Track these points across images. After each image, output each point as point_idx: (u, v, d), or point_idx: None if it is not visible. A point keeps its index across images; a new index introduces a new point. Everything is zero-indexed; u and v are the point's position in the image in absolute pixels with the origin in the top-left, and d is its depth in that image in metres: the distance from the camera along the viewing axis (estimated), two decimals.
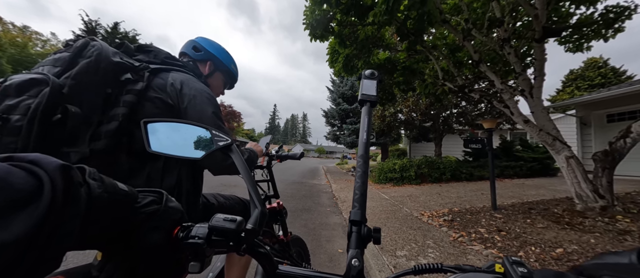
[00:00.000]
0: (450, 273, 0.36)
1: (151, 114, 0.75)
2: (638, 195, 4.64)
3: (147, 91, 0.77)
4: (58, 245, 0.23)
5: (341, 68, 5.22)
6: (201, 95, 0.83)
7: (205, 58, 1.06)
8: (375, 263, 2.26)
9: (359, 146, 0.45)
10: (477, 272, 0.34)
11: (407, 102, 9.79)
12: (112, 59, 0.71)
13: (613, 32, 4.25)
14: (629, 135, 3.18)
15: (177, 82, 0.82)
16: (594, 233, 2.74)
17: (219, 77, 1.12)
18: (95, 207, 0.27)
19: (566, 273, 0.29)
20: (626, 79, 18.83)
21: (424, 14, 3.48)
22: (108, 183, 0.29)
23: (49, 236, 0.22)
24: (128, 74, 0.75)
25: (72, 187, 0.24)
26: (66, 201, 0.23)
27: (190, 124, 0.51)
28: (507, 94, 4.04)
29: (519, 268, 0.30)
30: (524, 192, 5.65)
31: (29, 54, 15.31)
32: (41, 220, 0.21)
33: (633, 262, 0.27)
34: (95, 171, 0.29)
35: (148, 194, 0.35)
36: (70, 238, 0.24)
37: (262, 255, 0.39)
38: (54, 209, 0.22)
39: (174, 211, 0.36)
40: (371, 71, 0.53)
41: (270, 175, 1.36)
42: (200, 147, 0.51)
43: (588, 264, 0.30)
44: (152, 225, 0.33)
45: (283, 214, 1.31)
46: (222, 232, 0.34)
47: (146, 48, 0.88)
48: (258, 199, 0.42)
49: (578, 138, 9.07)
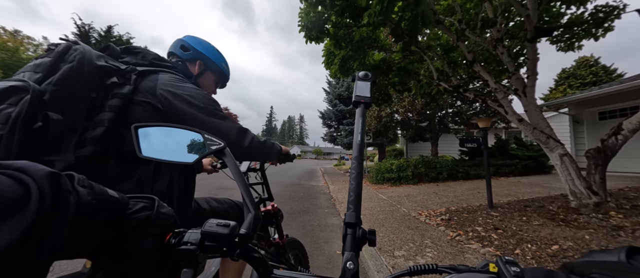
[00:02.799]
0: (445, 274, 0.36)
1: (140, 118, 0.73)
2: (630, 191, 4.72)
3: (135, 95, 0.75)
4: (45, 254, 0.22)
5: (337, 69, 5.23)
6: (192, 96, 0.81)
7: (195, 57, 1.03)
8: (373, 264, 2.26)
9: (354, 148, 0.45)
10: (472, 272, 0.34)
11: (403, 102, 9.85)
12: (96, 62, 0.69)
13: (603, 31, 4.33)
14: (620, 132, 3.24)
15: (165, 84, 0.80)
16: (588, 229, 2.78)
17: (210, 76, 1.09)
18: (85, 214, 0.26)
19: (557, 272, 0.30)
20: (617, 77, 19.20)
21: (418, 15, 3.51)
22: (98, 190, 0.29)
23: (36, 245, 0.21)
24: (114, 77, 0.73)
25: (60, 194, 0.24)
26: (54, 209, 0.23)
27: (181, 128, 0.50)
28: (501, 93, 4.09)
29: (512, 267, 0.31)
30: (519, 189, 5.71)
31: (20, 58, 15.06)
32: (28, 229, 0.21)
33: (621, 261, 0.27)
34: (85, 178, 0.29)
35: (139, 200, 0.34)
36: (58, 246, 0.23)
37: (256, 260, 0.38)
38: (41, 217, 0.22)
39: (166, 217, 0.35)
40: (365, 72, 0.53)
41: (263, 178, 1.34)
42: (192, 152, 0.50)
43: (578, 262, 0.31)
44: (143, 231, 0.32)
45: (278, 217, 1.29)
46: (215, 237, 0.33)
47: (133, 50, 0.86)
48: (251, 203, 0.41)
49: (571, 136, 9.21)
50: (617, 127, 3.29)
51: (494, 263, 0.33)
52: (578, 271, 0.30)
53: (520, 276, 0.29)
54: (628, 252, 0.28)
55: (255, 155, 0.92)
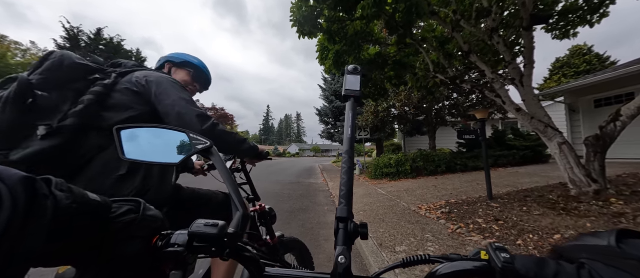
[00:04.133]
0: (438, 264, 0.36)
1: (120, 102, 0.87)
2: (630, 177, 4.73)
3: (115, 85, 0.89)
4: (20, 262, 0.22)
5: (332, 65, 5.14)
6: (167, 82, 0.93)
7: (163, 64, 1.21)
8: (374, 261, 2.21)
9: (344, 142, 0.45)
10: (464, 260, 0.35)
11: (399, 96, 9.80)
12: (75, 60, 0.83)
13: (598, 17, 4.31)
14: (619, 119, 3.22)
15: (141, 73, 0.95)
16: (589, 217, 2.76)
17: (182, 73, 1.21)
18: (64, 219, 0.26)
19: (546, 259, 0.30)
20: (610, 65, 19.31)
21: (412, 6, 3.44)
22: (77, 194, 0.28)
23: (9, 252, 0.21)
24: (96, 74, 0.88)
25: (35, 199, 0.23)
26: (28, 215, 0.22)
27: (166, 128, 0.50)
28: (498, 84, 4.05)
29: (502, 254, 0.31)
30: (518, 180, 5.71)
31: (9, 64, 14.65)
32: (0, 236, 0.20)
33: (611, 245, 0.27)
34: (64, 182, 0.28)
35: (124, 203, 0.34)
36: (34, 253, 0.23)
37: (247, 259, 0.38)
38: (14, 224, 0.21)
39: (153, 219, 0.35)
40: (354, 66, 0.53)
41: (246, 177, 1.31)
42: (178, 152, 0.49)
43: (568, 246, 0.31)
44: (129, 234, 0.32)
45: (267, 217, 1.26)
46: (203, 237, 0.33)
47: (116, 64, 1.01)
48: (240, 201, 0.41)
49: (568, 124, 9.25)
50: (616, 113, 3.27)
51: (485, 250, 0.34)
52: (568, 256, 0.30)
53: (510, 262, 0.30)
54: (618, 235, 0.27)
55: (218, 144, 0.90)
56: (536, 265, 0.29)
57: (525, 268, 0.29)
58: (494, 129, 10.43)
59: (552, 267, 0.28)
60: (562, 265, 0.28)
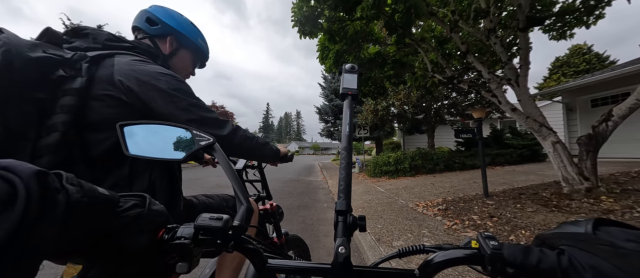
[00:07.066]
0: (431, 253, 0.38)
1: (104, 117, 0.65)
2: (621, 175, 4.83)
3: (91, 88, 0.64)
4: (33, 254, 0.22)
5: (332, 64, 5.22)
6: (168, 87, 0.70)
7: (165, 32, 0.88)
8: (372, 254, 2.31)
9: (342, 139, 0.46)
10: (456, 248, 0.37)
11: (398, 95, 9.89)
12: (28, 54, 0.56)
13: (594, 18, 4.37)
14: (610, 119, 3.30)
15: (124, 70, 0.68)
16: (580, 213, 2.86)
17: (186, 55, 0.95)
18: (74, 212, 0.26)
19: (530, 246, 0.32)
20: (609, 64, 19.41)
21: (411, 7, 3.51)
22: (87, 188, 0.29)
23: (24, 244, 0.21)
24: (60, 70, 0.60)
25: (48, 193, 0.24)
26: (42, 208, 0.23)
27: (168, 124, 0.50)
28: (495, 84, 4.13)
29: (491, 242, 0.33)
30: (514, 178, 5.81)
31: None
32: (15, 228, 0.21)
33: (588, 232, 0.29)
34: (73, 176, 0.28)
35: (130, 198, 0.35)
36: (48, 245, 0.23)
37: (251, 251, 0.39)
38: (29, 216, 0.21)
39: (159, 214, 0.36)
40: (351, 65, 0.54)
41: (261, 175, 1.29)
42: (180, 148, 0.50)
43: (550, 233, 0.33)
44: (135, 228, 0.33)
45: (276, 216, 1.25)
46: (208, 230, 0.34)
47: (82, 31, 0.73)
48: (243, 195, 0.42)
49: (564, 123, 9.33)
50: (608, 113, 3.36)
51: (475, 240, 0.36)
52: (550, 242, 0.32)
53: (498, 248, 0.32)
54: (595, 223, 0.30)
55: (237, 149, 0.81)
56: (521, 252, 0.31)
57: (512, 255, 0.31)
58: (492, 127, 10.51)
59: (535, 253, 0.31)
60: (544, 251, 0.31)
